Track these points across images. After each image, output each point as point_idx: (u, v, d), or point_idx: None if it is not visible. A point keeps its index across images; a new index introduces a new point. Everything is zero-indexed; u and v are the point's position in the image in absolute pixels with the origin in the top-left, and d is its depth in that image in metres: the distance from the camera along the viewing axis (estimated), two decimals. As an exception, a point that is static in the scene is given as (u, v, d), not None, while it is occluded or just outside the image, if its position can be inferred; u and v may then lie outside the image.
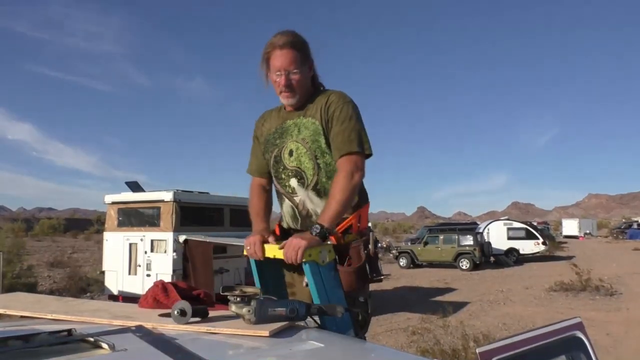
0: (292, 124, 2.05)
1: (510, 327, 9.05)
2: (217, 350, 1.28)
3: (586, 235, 51.69)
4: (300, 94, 2.01)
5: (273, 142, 2.11)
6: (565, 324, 1.71)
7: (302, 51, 1.98)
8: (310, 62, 2.04)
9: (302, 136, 2.01)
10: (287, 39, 1.95)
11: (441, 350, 5.93)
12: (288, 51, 1.94)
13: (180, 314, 1.46)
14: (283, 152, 2.06)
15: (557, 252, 27.49)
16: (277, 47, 1.95)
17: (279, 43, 1.94)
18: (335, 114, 1.95)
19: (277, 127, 2.11)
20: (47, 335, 1.26)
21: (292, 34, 1.99)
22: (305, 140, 2.00)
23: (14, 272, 13.45)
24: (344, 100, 1.99)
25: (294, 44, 1.95)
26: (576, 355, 1.71)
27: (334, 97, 2.00)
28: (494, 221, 26.18)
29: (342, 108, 1.96)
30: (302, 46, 1.99)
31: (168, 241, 9.41)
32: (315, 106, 2.01)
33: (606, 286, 12.60)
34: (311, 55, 2.04)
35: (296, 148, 2.02)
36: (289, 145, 2.04)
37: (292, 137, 2.04)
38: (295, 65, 1.95)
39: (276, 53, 1.95)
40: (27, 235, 36.51)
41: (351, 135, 1.92)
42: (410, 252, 22.24)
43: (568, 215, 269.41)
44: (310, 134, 1.99)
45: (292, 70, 1.95)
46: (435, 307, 10.42)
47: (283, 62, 1.94)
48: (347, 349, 1.32)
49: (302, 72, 1.98)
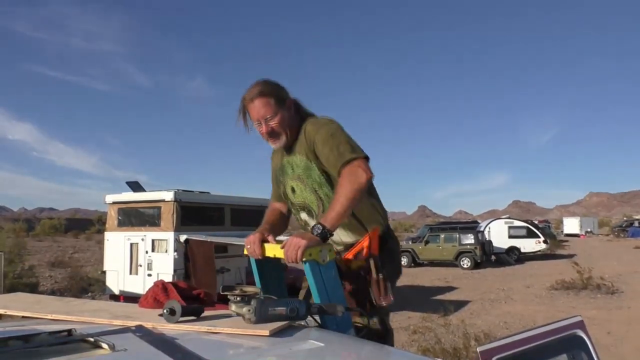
0: (286, 162, 2.15)
1: (512, 325, 9.04)
2: (217, 349, 1.28)
3: (587, 234, 51.67)
4: (285, 134, 2.07)
5: (279, 179, 2.23)
6: (566, 323, 1.70)
7: (275, 95, 2.04)
8: (289, 102, 2.09)
9: (296, 174, 2.10)
10: (257, 89, 2.03)
11: (442, 349, 5.93)
12: (260, 100, 2.01)
13: (169, 312, 1.47)
14: (287, 190, 2.16)
15: (558, 250, 27.49)
16: (249, 101, 2.03)
17: (250, 97, 2.03)
18: (317, 143, 1.99)
19: (280, 165, 2.20)
20: (47, 335, 1.26)
21: (262, 83, 2.06)
22: (300, 177, 2.08)
23: (16, 272, 13.47)
24: (318, 126, 2.03)
25: (264, 92, 2.02)
26: (577, 354, 1.71)
27: (309, 127, 2.04)
28: (495, 220, 26.16)
29: (319, 132, 1.99)
30: (274, 90, 2.05)
31: (169, 241, 9.42)
32: (299, 142, 2.08)
33: (607, 285, 12.59)
34: (287, 95, 2.10)
35: (296, 185, 2.11)
36: (289, 183, 2.14)
37: (289, 175, 2.13)
38: (270, 111, 2.02)
39: (251, 106, 2.03)
40: (28, 235, 36.59)
41: (340, 148, 1.93)
42: (411, 251, 22.24)
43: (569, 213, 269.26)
44: (302, 170, 2.07)
45: (268, 117, 2.02)
46: (437, 306, 10.42)
47: (258, 113, 2.02)
48: (348, 348, 1.32)
49: (279, 114, 2.04)
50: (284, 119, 2.05)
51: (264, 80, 2.08)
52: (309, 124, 2.06)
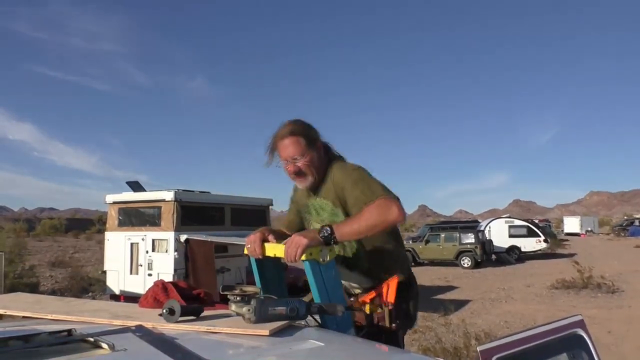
0: (311, 204, 2.16)
1: (512, 325, 9.05)
2: (217, 349, 1.27)
3: (588, 233, 51.67)
4: (312, 175, 2.07)
5: (305, 217, 2.21)
6: (567, 322, 1.70)
7: (306, 135, 2.05)
8: (318, 143, 2.10)
9: (321, 218, 2.09)
10: (289, 128, 2.04)
11: (443, 349, 5.94)
12: (291, 140, 2.02)
13: (168, 312, 1.47)
14: None
15: (559, 249, 27.50)
16: (280, 139, 2.04)
17: (281, 135, 2.04)
18: (346, 187, 1.98)
19: (304, 203, 2.20)
20: (47, 335, 1.25)
21: (293, 122, 2.07)
22: (324, 222, 2.04)
23: (16, 272, 13.49)
24: (348, 172, 2.02)
25: (295, 132, 2.03)
26: (577, 353, 1.71)
27: (337, 174, 2.04)
28: (495, 219, 26.16)
29: (350, 176, 1.99)
30: (305, 131, 2.06)
31: (169, 241, 9.43)
32: (325, 187, 2.08)
33: (608, 284, 12.59)
34: (318, 136, 2.11)
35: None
36: (313, 224, 2.13)
37: (314, 217, 2.14)
38: (300, 151, 2.02)
39: (281, 144, 2.04)
40: (28, 235, 36.65)
41: (372, 187, 1.92)
42: (412, 251, 22.25)
43: (569, 212, 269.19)
44: (328, 215, 2.06)
45: (298, 157, 2.03)
46: (437, 305, 10.42)
47: (288, 152, 2.03)
48: (348, 348, 1.32)
49: (308, 155, 2.04)
50: (312, 160, 2.05)
51: (295, 120, 2.09)
52: (337, 170, 2.05)
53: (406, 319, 2.05)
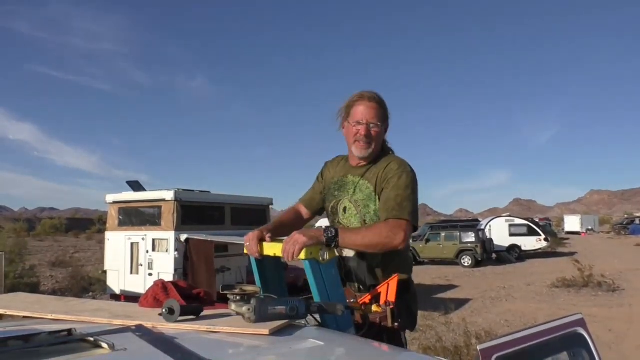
0: (350, 181, 2.13)
1: (512, 323, 9.05)
2: (217, 349, 1.27)
3: (588, 232, 51.69)
4: (374, 147, 2.07)
5: (332, 192, 2.18)
6: (567, 321, 1.70)
7: (385, 110, 2.09)
8: (387, 125, 2.14)
9: (355, 198, 2.08)
10: (373, 95, 2.07)
11: (443, 348, 5.94)
12: (374, 105, 2.05)
13: (168, 312, 1.47)
14: (339, 207, 2.14)
15: (559, 248, 27.52)
16: (364, 99, 2.06)
17: (367, 96, 2.06)
18: (392, 180, 1.98)
19: (339, 179, 2.18)
20: (47, 335, 1.25)
21: (379, 93, 2.10)
22: (357, 203, 2.07)
23: (17, 272, 13.49)
24: (403, 169, 2.02)
25: (379, 101, 2.07)
26: (578, 352, 1.70)
27: (394, 164, 2.04)
28: (495, 218, 26.17)
29: (401, 176, 1.99)
30: (385, 106, 2.10)
31: (170, 240, 9.44)
32: (375, 170, 2.07)
33: (608, 282, 12.59)
34: (388, 120, 2.14)
35: (349, 207, 2.10)
36: (344, 201, 2.12)
37: (348, 195, 2.11)
38: (377, 118, 2.04)
39: (361, 104, 2.05)
40: (29, 235, 36.67)
41: (404, 202, 1.92)
42: (412, 250, 22.23)
43: (570, 211, 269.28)
44: (364, 197, 2.06)
45: (374, 123, 2.03)
46: (437, 304, 10.43)
47: (367, 114, 2.04)
48: (348, 347, 1.32)
49: (382, 127, 2.07)
50: (380, 133, 2.08)
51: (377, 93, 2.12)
52: (397, 161, 2.06)
53: (408, 319, 2.05)
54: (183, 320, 1.47)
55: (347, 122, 2.10)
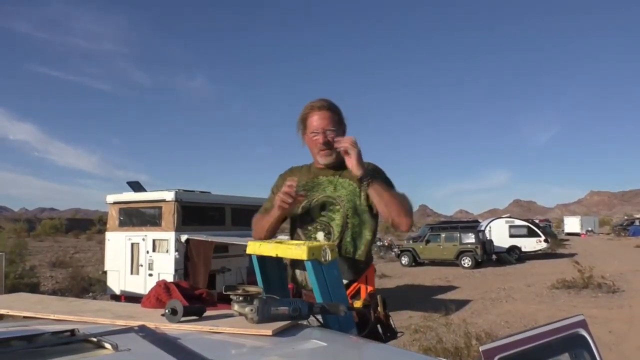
0: (326, 181, 2.15)
1: (513, 324, 9.04)
2: (220, 349, 1.28)
3: (588, 233, 51.68)
4: (336, 152, 2.09)
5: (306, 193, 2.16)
6: (569, 322, 1.70)
7: (338, 114, 2.14)
8: (344, 127, 2.18)
9: (338, 194, 2.10)
10: (325, 102, 2.13)
11: (444, 349, 5.94)
12: (325, 112, 2.10)
13: (171, 312, 1.47)
14: (313, 205, 2.12)
15: (559, 249, 27.52)
16: (315, 109, 2.11)
17: (316, 105, 2.11)
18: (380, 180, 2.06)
19: (306, 181, 2.18)
20: (50, 335, 1.26)
21: (328, 99, 2.16)
22: (341, 198, 2.08)
23: (17, 273, 13.48)
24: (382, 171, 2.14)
25: (330, 107, 2.12)
26: (579, 353, 1.70)
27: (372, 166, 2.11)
28: (495, 219, 26.16)
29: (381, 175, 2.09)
30: (338, 110, 2.15)
31: (170, 241, 9.44)
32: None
33: (608, 283, 12.59)
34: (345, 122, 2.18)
35: (330, 203, 2.09)
36: (321, 199, 2.11)
37: (326, 192, 2.12)
38: (332, 124, 2.09)
39: (314, 114, 2.10)
40: (29, 235, 36.66)
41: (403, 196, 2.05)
42: (412, 251, 22.27)
43: (570, 212, 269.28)
44: (347, 193, 2.08)
45: (329, 129, 2.08)
46: (438, 305, 10.43)
47: (320, 123, 2.09)
48: (350, 347, 1.32)
49: (338, 131, 2.11)
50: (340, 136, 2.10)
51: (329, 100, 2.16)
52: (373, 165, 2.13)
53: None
54: (185, 321, 1.47)
55: (306, 134, 2.15)
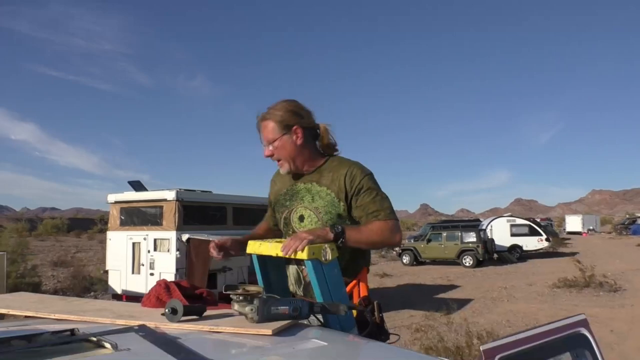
0: (303, 189, 2.04)
1: (514, 324, 9.04)
2: (220, 349, 1.27)
3: (589, 232, 51.62)
4: (288, 160, 2.03)
5: (283, 203, 2.11)
6: (570, 321, 1.69)
7: (280, 120, 1.99)
8: (296, 129, 2.00)
9: (315, 205, 1.99)
10: (265, 112, 2.03)
11: (445, 348, 5.93)
12: (263, 124, 2.03)
13: (171, 312, 1.47)
14: (292, 216, 2.05)
15: (561, 248, 27.49)
16: (259, 122, 2.05)
17: (258, 118, 2.05)
18: (362, 188, 1.95)
19: (287, 189, 2.11)
20: (50, 335, 1.25)
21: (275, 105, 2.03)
22: (318, 210, 1.97)
23: (18, 272, 13.49)
24: (365, 173, 1.99)
25: (267, 116, 2.01)
26: (581, 352, 1.70)
27: (355, 170, 1.98)
28: (497, 218, 26.14)
29: (367, 182, 1.96)
30: (280, 114, 2.00)
31: (171, 240, 9.44)
32: (331, 175, 1.99)
33: (610, 282, 12.57)
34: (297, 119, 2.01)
35: (308, 215, 2.00)
36: (299, 210, 2.02)
37: (304, 203, 2.02)
38: (271, 135, 2.00)
39: (258, 128, 2.06)
40: (30, 235, 36.72)
41: (385, 203, 1.95)
42: (413, 250, 22.25)
43: (571, 211, 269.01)
44: (325, 204, 1.97)
45: (270, 141, 2.01)
46: (439, 304, 10.42)
47: (263, 136, 2.04)
48: (351, 347, 1.32)
49: (280, 141, 2.00)
50: (284, 146, 2.00)
51: (280, 102, 2.04)
52: (356, 166, 2.00)
53: None
54: (186, 320, 1.47)
55: None
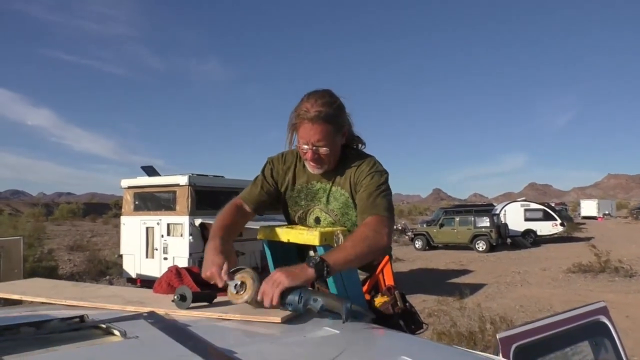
0: (320, 189, 1.94)
1: (527, 309, 8.99)
2: (228, 336, 1.25)
3: (605, 216, 51.08)
4: (328, 165, 1.88)
5: (299, 202, 1.99)
6: (589, 309, 1.66)
7: (336, 122, 1.82)
8: (345, 129, 1.89)
9: (331, 207, 1.91)
10: (319, 110, 1.76)
11: (458, 333, 5.92)
12: (318, 126, 1.77)
13: (180, 299, 1.45)
14: (309, 217, 1.97)
15: (575, 233, 27.25)
16: (304, 120, 1.78)
17: (308, 116, 1.77)
18: (365, 182, 1.83)
19: (302, 186, 1.97)
20: (59, 321, 1.24)
21: (326, 102, 1.79)
22: (334, 212, 1.90)
23: (35, 256, 13.73)
24: (375, 170, 1.86)
25: (326, 117, 1.77)
26: (600, 341, 1.66)
27: (365, 166, 1.87)
28: (511, 202, 25.96)
29: (373, 176, 1.83)
30: (336, 116, 1.82)
31: (184, 225, 9.52)
32: (345, 175, 1.90)
33: (626, 267, 12.44)
34: (345, 120, 1.89)
35: (324, 218, 1.93)
36: (315, 211, 1.95)
37: (320, 205, 1.94)
38: (324, 140, 1.80)
39: (305, 125, 1.79)
40: (47, 219, 37.30)
41: (377, 200, 1.78)
42: (426, 234, 22.22)
43: (586, 196, 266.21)
44: (340, 206, 1.90)
45: (320, 146, 1.81)
46: (451, 289, 10.40)
47: (312, 137, 1.79)
48: (363, 335, 1.29)
49: (332, 144, 1.83)
50: (334, 150, 1.85)
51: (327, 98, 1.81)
52: (367, 163, 1.88)
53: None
54: (195, 307, 1.45)
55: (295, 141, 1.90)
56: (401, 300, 1.85)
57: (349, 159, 1.92)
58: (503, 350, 1.35)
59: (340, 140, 1.88)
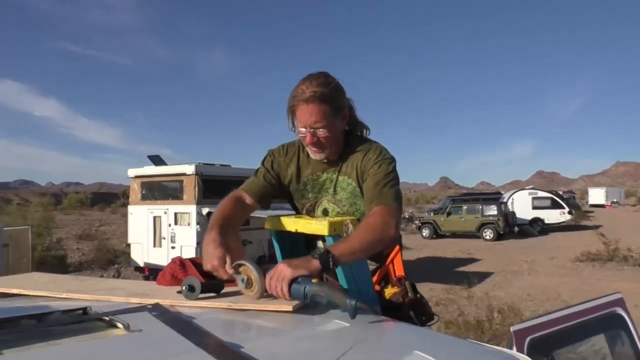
0: (327, 180, 1.88)
1: (535, 297, 8.95)
2: (236, 330, 1.22)
3: (613, 204, 50.74)
4: (330, 148, 1.80)
5: (305, 195, 1.92)
6: (605, 300, 1.61)
7: (333, 103, 1.74)
8: (345, 111, 1.81)
9: (338, 197, 1.86)
10: (314, 91, 1.69)
11: (465, 321, 5.89)
12: (314, 106, 1.70)
13: (188, 289, 1.41)
14: (317, 209, 1.91)
15: (583, 221, 27.12)
16: (300, 101, 1.71)
17: (304, 97, 1.70)
18: (372, 170, 1.76)
19: (308, 178, 1.91)
20: (61, 314, 1.21)
21: (321, 83, 1.72)
22: (342, 203, 1.85)
23: (44, 245, 13.85)
24: (383, 157, 1.79)
25: (322, 97, 1.70)
26: (616, 334, 1.61)
27: (372, 154, 1.80)
28: (518, 190, 25.83)
29: (381, 164, 1.76)
30: (333, 97, 1.74)
31: (191, 214, 9.54)
32: (351, 163, 1.83)
33: (635, 256, 12.37)
34: (345, 102, 1.81)
35: (332, 209, 1.87)
36: (323, 203, 1.89)
37: (327, 196, 1.88)
38: (322, 121, 1.73)
39: (301, 107, 1.72)
40: (56, 209, 37.62)
41: (384, 189, 1.71)
42: (433, 223, 22.17)
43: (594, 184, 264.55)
44: (347, 196, 1.84)
45: (318, 128, 1.73)
46: (459, 278, 10.37)
47: (308, 119, 1.72)
48: (373, 327, 1.25)
49: (331, 126, 1.75)
50: (334, 131, 1.78)
51: (323, 79, 1.74)
52: (374, 151, 1.81)
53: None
54: (203, 298, 1.42)
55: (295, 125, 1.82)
56: (412, 291, 1.81)
57: (354, 146, 1.85)
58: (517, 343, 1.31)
59: (341, 124, 1.82)
